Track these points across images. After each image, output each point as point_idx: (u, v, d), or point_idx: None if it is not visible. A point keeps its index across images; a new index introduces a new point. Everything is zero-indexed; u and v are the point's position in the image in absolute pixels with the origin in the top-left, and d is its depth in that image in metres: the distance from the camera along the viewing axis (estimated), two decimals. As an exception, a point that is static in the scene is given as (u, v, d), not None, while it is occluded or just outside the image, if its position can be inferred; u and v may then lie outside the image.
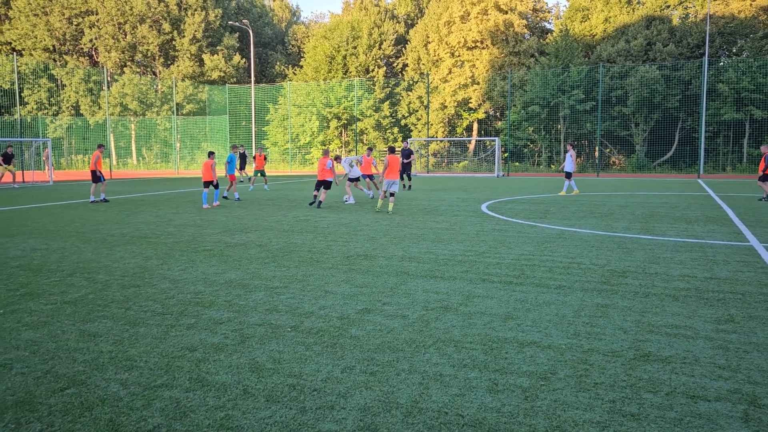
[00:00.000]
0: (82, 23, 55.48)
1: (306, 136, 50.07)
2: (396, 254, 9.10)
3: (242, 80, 59.20)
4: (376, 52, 52.93)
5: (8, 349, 4.90)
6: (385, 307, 6.12)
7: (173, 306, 6.19)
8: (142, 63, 59.00)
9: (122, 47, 55.58)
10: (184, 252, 9.41)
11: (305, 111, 50.10)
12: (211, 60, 56.51)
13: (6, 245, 10.19)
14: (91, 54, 58.91)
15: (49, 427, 3.55)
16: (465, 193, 22.22)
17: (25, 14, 54.60)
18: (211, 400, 3.90)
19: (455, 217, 13.98)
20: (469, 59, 49.17)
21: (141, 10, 54.21)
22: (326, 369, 4.44)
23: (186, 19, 56.07)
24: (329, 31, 54.38)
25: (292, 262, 8.55)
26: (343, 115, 49.34)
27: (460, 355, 4.71)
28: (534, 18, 52.13)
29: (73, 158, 54.33)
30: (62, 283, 7.29)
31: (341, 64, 52.62)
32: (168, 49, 57.60)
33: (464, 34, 48.43)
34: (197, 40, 56.60)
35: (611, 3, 46.06)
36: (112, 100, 52.61)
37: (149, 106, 54.62)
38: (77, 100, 54.66)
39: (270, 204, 17.77)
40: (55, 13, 54.62)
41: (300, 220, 13.63)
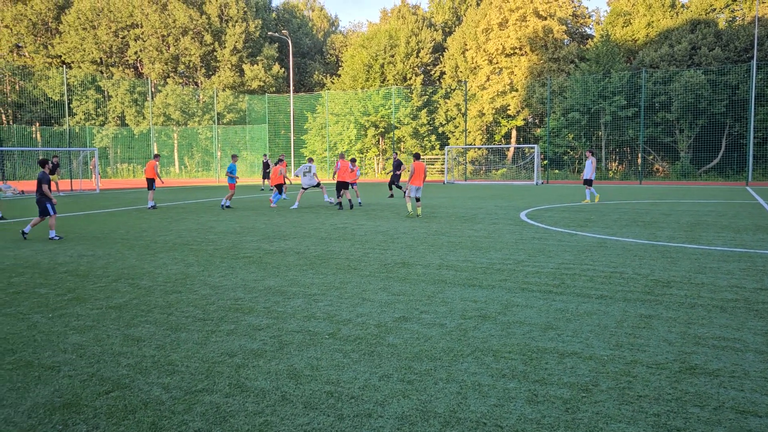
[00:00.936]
0: (127, 36, 57.19)
1: (344, 144, 50.42)
2: (433, 262, 9.06)
3: (281, 89, 60.07)
4: (413, 60, 53.05)
5: (56, 352, 5.05)
6: (423, 315, 6.09)
7: (214, 312, 6.28)
8: (184, 74, 60.46)
9: (165, 59, 57.06)
10: (224, 259, 9.56)
11: (343, 119, 50.48)
12: (251, 70, 57.53)
13: (55, 251, 10.52)
14: (136, 66, 60.65)
15: (94, 429, 3.64)
16: (503, 200, 22.01)
17: (74, 28, 56.59)
18: (250, 406, 3.94)
19: (493, 225, 13.86)
20: (507, 66, 48.85)
21: (184, 23, 55.60)
22: (364, 377, 4.44)
23: (227, 30, 57.26)
24: (367, 39, 54.77)
25: (329, 269, 8.60)
26: (380, 123, 49.53)
27: (498, 365, 4.65)
28: (574, 24, 51.51)
29: (119, 167, 55.90)
30: (107, 288, 7.49)
31: (379, 73, 52.90)
32: (209, 60, 58.89)
33: (502, 41, 48.16)
34: (238, 50, 57.72)
35: (654, 7, 45.18)
36: (156, 110, 54.00)
37: (191, 116, 55.87)
38: (123, 110, 56.29)
39: (308, 211, 17.93)
40: (102, 26, 56.45)
41: (338, 227, 13.71)
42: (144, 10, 55.84)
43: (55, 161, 27.10)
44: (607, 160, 44.96)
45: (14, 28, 57.71)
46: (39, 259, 9.75)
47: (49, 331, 5.65)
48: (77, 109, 55.91)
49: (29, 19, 57.68)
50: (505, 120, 49.60)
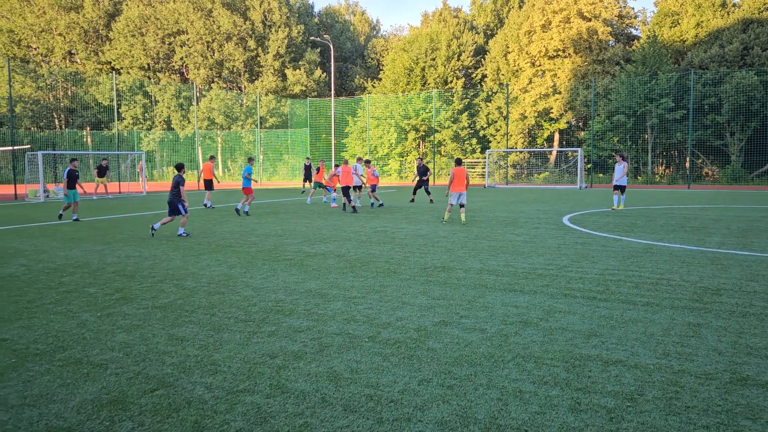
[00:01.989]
0: (174, 42, 58.65)
1: (384, 147, 50.53)
2: (474, 266, 8.98)
3: (323, 94, 60.64)
4: (454, 64, 52.85)
5: (104, 350, 5.20)
6: (463, 320, 6.04)
7: (255, 313, 6.37)
8: (228, 79, 61.64)
9: (210, 64, 58.28)
10: (266, 261, 9.68)
11: (383, 123, 50.61)
12: (294, 75, 58.27)
13: (104, 252, 10.84)
14: (182, 71, 62.14)
15: (139, 426, 3.73)
16: (546, 205, 21.70)
17: (123, 35, 58.35)
18: (291, 407, 3.97)
19: (535, 230, 13.66)
20: (550, 68, 48.20)
21: (228, 29, 56.69)
22: (403, 380, 4.42)
23: (270, 35, 58.15)
24: (408, 43, 54.82)
25: (369, 272, 8.62)
26: (421, 127, 49.46)
27: (540, 372, 4.57)
28: (619, 25, 50.48)
29: (165, 170, 57.30)
30: (153, 288, 7.67)
31: (420, 76, 52.87)
32: (253, 65, 59.90)
33: (545, 43, 47.55)
34: (280, 55, 58.54)
35: (703, 7, 43.90)
36: (201, 114, 55.19)
37: (234, 120, 56.89)
38: (169, 115, 57.72)
39: (348, 214, 18.01)
40: (150, 33, 58.04)
41: (378, 230, 13.73)
42: (189, 17, 57.17)
43: (104, 164, 27.94)
44: (653, 163, 43.83)
45: (67, 36, 59.85)
46: (89, 259, 10.06)
47: (98, 330, 5.81)
48: (126, 113, 57.59)
49: (81, 27, 59.74)
50: (548, 123, 48.92)
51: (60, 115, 62.08)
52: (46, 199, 26.99)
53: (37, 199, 26.84)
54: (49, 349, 5.22)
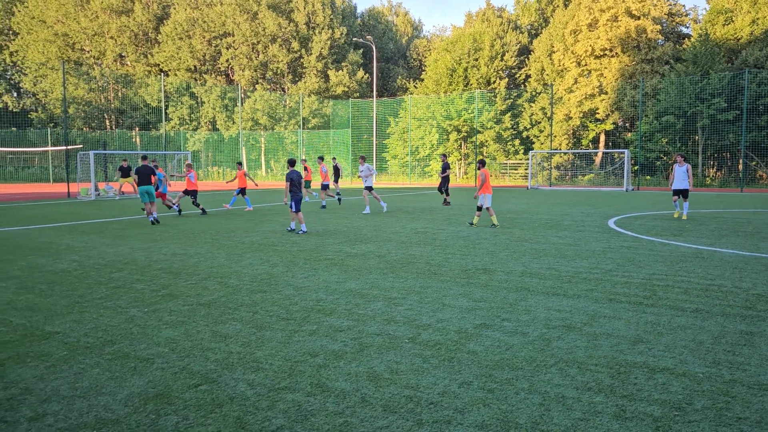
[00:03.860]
0: (220, 44, 59.84)
1: (425, 148, 50.42)
2: (516, 269, 8.87)
3: (365, 94, 60.91)
4: (498, 64, 52.36)
5: (150, 345, 5.33)
6: (504, 323, 5.97)
7: (296, 312, 6.43)
8: (272, 80, 62.55)
9: (255, 66, 59.23)
10: (307, 260, 9.77)
11: (425, 124, 50.50)
12: (336, 76, 58.72)
13: (150, 249, 11.13)
14: (227, 73, 63.33)
15: (184, 420, 3.80)
16: (590, 207, 21.28)
17: (171, 38, 59.84)
18: (331, 406, 3.99)
19: (579, 233, 13.41)
20: (596, 68, 47.27)
21: (272, 31, 57.52)
22: (443, 383, 4.40)
23: (314, 37, 58.75)
24: (451, 43, 54.58)
25: (410, 273, 8.60)
26: (463, 128, 49.17)
27: (584, 378, 4.48)
28: (669, 23, 49.13)
29: (210, 170, 58.49)
30: (198, 286, 7.83)
31: (462, 77, 52.57)
32: (296, 67, 60.61)
33: (592, 43, 46.64)
34: (323, 57, 59.07)
35: (759, 3, 42.32)
36: (245, 115, 56.13)
37: (278, 121, 57.67)
38: (214, 115, 58.91)
39: (389, 215, 18.04)
40: (196, 36, 59.36)
41: (418, 231, 13.70)
42: (236, 20, 58.23)
43: (124, 164, 28.57)
44: (704, 166, 42.49)
45: (118, 39, 61.73)
46: (136, 256, 10.35)
47: (145, 325, 5.97)
48: (173, 114, 59.03)
49: (131, 30, 61.53)
50: (594, 124, 47.96)
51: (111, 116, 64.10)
52: (96, 197, 27.87)
53: (88, 197, 27.75)
54: (99, 343, 5.38)
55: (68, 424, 3.75)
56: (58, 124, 59.97)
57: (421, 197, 27.71)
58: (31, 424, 3.76)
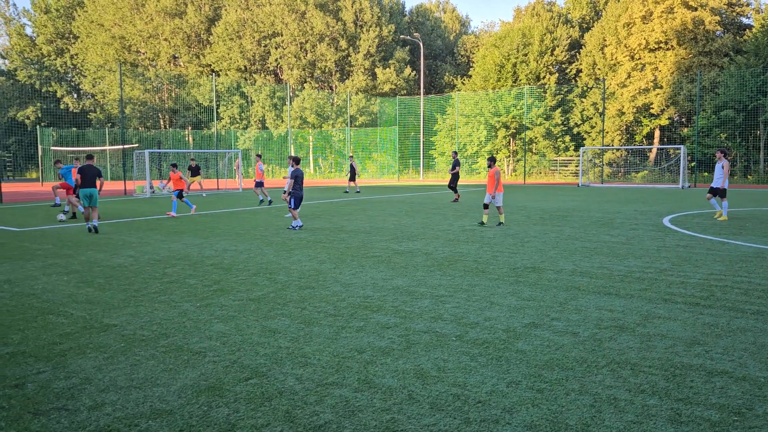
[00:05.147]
0: (269, 44, 60.79)
1: (473, 145, 49.98)
2: (566, 268, 8.70)
3: (412, 92, 60.82)
4: (547, 59, 51.42)
5: (202, 338, 5.46)
6: (554, 322, 5.86)
7: (344, 308, 6.47)
8: (320, 78, 63.14)
9: (303, 65, 59.92)
10: (354, 257, 9.83)
11: (473, 120, 50.05)
12: (383, 73, 58.83)
13: (202, 246, 11.41)
14: (276, 72, 64.27)
15: (234, 413, 3.88)
16: (644, 205, 20.68)
17: (222, 39, 61.14)
18: (378, 402, 4.01)
19: (632, 231, 13.05)
20: (650, 62, 45.84)
21: (321, 30, 58.05)
22: (491, 381, 4.35)
23: (361, 35, 59.01)
24: (499, 39, 53.89)
25: (457, 271, 8.55)
26: (511, 124, 48.50)
27: (637, 380, 4.36)
28: (729, 13, 47.20)
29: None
30: (248, 281, 7.98)
31: (511, 72, 51.86)
32: (344, 65, 61.02)
33: (646, 35, 45.25)
34: (371, 55, 59.27)
35: (826, -10, 40.22)
36: (293, 113, 56.86)
37: (325, 119, 58.19)
38: (263, 114, 59.90)
39: (436, 213, 17.97)
40: (246, 36, 60.45)
41: (466, 229, 13.60)
42: (284, 20, 59.02)
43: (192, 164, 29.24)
44: (766, 162, 40.72)
45: (172, 41, 63.47)
46: (189, 252, 10.62)
47: (197, 319, 6.12)
48: (224, 113, 60.31)
49: (184, 32, 63.15)
50: (648, 119, 46.56)
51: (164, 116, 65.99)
52: (151, 194, 28.75)
53: (144, 194, 28.65)
54: (154, 336, 5.55)
55: (125, 414, 3.88)
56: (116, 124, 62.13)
57: (468, 194, 27.48)
58: (91, 413, 3.90)
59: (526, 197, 24.99)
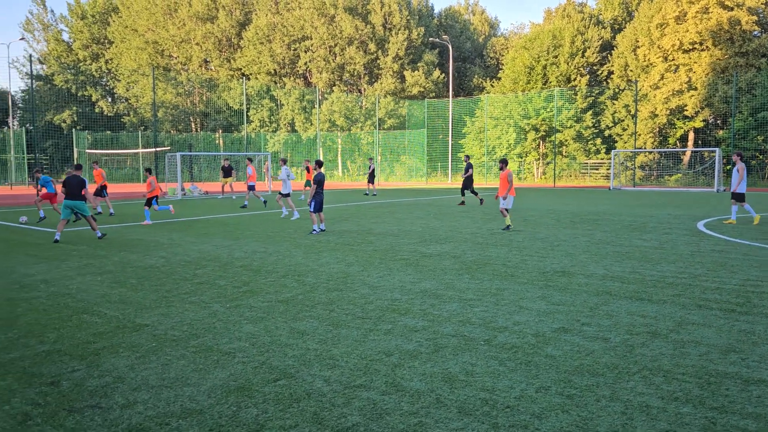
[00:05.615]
0: (298, 48, 61.30)
1: (502, 148, 49.62)
2: (597, 272, 8.58)
3: (441, 94, 60.69)
4: (578, 61, 50.82)
5: (232, 339, 5.52)
6: (584, 327, 5.78)
7: (372, 311, 6.48)
8: (349, 81, 63.40)
9: (332, 68, 60.25)
10: (382, 260, 9.83)
11: (502, 123, 49.71)
12: (412, 76, 58.81)
13: (232, 247, 11.53)
14: (306, 75, 64.75)
15: (263, 413, 3.91)
16: (677, 209, 20.28)
17: (253, 43, 61.85)
18: (406, 405, 4.00)
19: (666, 235, 12.80)
20: (684, 63, 44.95)
21: (349, 33, 58.30)
22: (520, 386, 4.31)
23: (390, 38, 59.10)
24: (529, 41, 53.44)
25: (486, 274, 8.49)
26: (541, 127, 48.03)
27: (670, 387, 4.27)
28: (767, 13, 46.04)
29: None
30: (277, 283, 8.04)
31: (541, 74, 51.38)
32: (372, 68, 61.17)
33: (680, 36, 44.40)
34: (399, 57, 59.32)
35: None
36: (322, 116, 57.20)
37: (354, 122, 58.41)
38: (293, 117, 60.39)
39: (465, 216, 17.88)
40: (276, 40, 61.05)
41: (494, 233, 13.51)
42: (314, 23, 59.44)
43: (226, 164, 29.61)
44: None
45: (203, 45, 64.43)
46: (219, 253, 10.75)
47: (227, 320, 6.19)
48: (254, 116, 60.98)
49: (216, 37, 64.06)
50: (681, 121, 45.65)
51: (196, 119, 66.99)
52: (183, 196, 29.19)
53: (175, 196, 29.11)
54: (184, 336, 5.62)
55: (156, 413, 3.94)
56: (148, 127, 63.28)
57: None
58: (123, 411, 3.97)
59: (556, 200, 24.71)
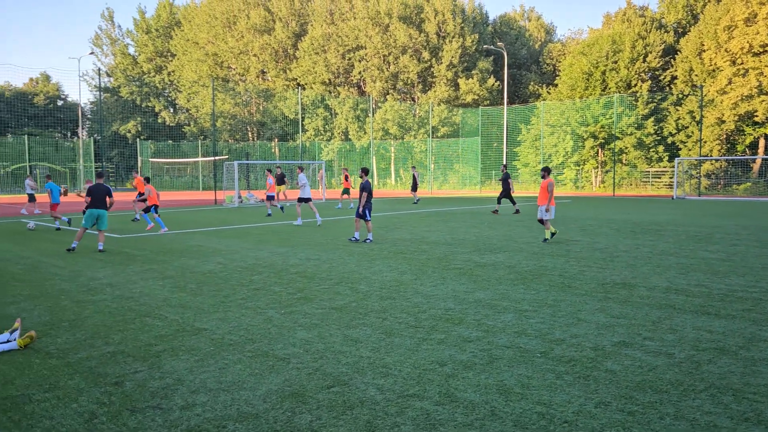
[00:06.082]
0: (353, 57, 61.97)
1: (559, 156, 48.68)
2: (659, 285, 8.27)
3: (495, 102, 60.12)
4: (639, 66, 49.41)
5: (287, 345, 5.58)
6: (647, 342, 5.57)
7: (425, 320, 6.43)
8: (402, 90, 63.60)
9: (386, 77, 60.59)
10: (435, 269, 9.77)
11: (559, 130, 48.78)
12: (466, 84, 58.50)
13: (287, 254, 11.70)
14: (360, 84, 65.34)
15: (317, 419, 3.93)
16: (747, 219, 19.37)
17: (308, 53, 62.93)
18: (460, 417, 3.94)
19: (734, 247, 12.24)
20: (755, 66, 43.03)
21: (403, 42, 58.54)
22: (578, 401, 4.18)
23: (444, 46, 59.00)
24: (587, 46, 52.33)
25: (542, 285, 8.31)
26: (600, 134, 46.84)
27: (740, 407, 4.05)
28: (843, 13, 43.62)
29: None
30: (330, 290, 8.10)
31: (599, 80, 50.20)
32: (426, 76, 61.18)
33: (749, 39, 42.56)
34: (453, 65, 59.12)
35: None
36: (376, 125, 57.55)
37: (407, 130, 58.50)
38: (347, 126, 61.03)
39: (519, 225, 17.60)
40: (331, 50, 61.90)
41: (550, 242, 13.23)
42: (368, 33, 59.99)
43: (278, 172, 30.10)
44: None
45: (260, 56, 65.98)
46: (274, 260, 10.92)
47: (281, 326, 6.26)
48: (308, 125, 61.94)
49: (272, 48, 65.51)
50: (751, 128, 43.66)
51: (253, 128, 68.60)
52: (239, 204, 29.87)
53: (233, 204, 29.81)
54: (241, 341, 5.72)
55: (214, 415, 4.01)
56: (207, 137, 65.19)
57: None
58: (183, 413, 4.06)
59: (616, 210, 24.03)
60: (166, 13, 74.03)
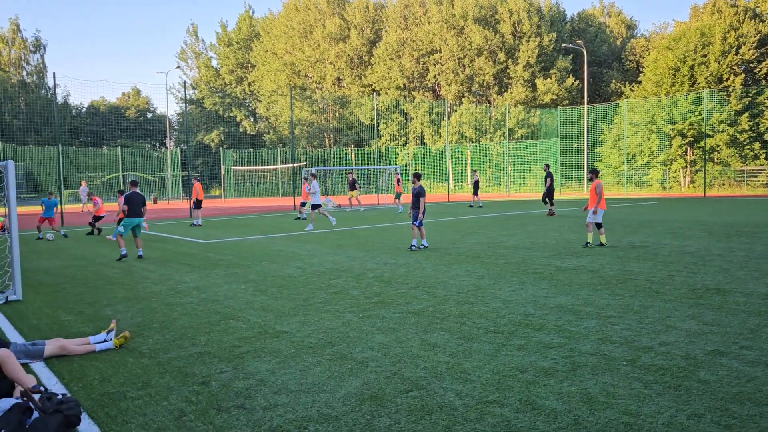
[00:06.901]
0: (427, 62, 62.02)
1: (644, 156, 46.68)
2: (758, 290, 7.75)
3: (575, 101, 58.48)
4: (731, 59, 46.66)
5: (365, 348, 5.63)
6: (744, 351, 5.23)
7: (504, 325, 6.32)
8: (478, 92, 63.01)
9: (461, 80, 60.23)
10: (514, 273, 9.59)
11: (643, 129, 46.78)
12: (544, 84, 57.24)
13: (364, 259, 11.82)
14: (434, 88, 65.28)
15: (396, 423, 3.93)
16: None
17: (383, 59, 63.54)
18: (541, 425, 3.83)
19: (841, 249, 11.31)
20: None
21: (478, 44, 58.00)
22: (668, 412, 3.97)
23: (520, 46, 58.00)
24: (673, 40, 49.97)
25: (627, 290, 7.98)
26: (688, 132, 44.55)
27: None
28: None
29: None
30: (407, 294, 8.11)
31: (687, 76, 47.78)
32: (502, 78, 60.35)
33: None
34: (530, 65, 58.01)
35: None
36: (451, 128, 57.28)
37: (483, 133, 57.86)
38: (422, 130, 61.09)
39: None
40: (405, 55, 62.21)
41: (636, 246, 12.70)
42: (442, 36, 59.87)
43: (350, 178, 30.42)
44: None
45: (336, 64, 67.23)
46: (352, 264, 11.06)
47: (359, 329, 6.32)
48: (384, 131, 62.47)
49: (348, 55, 66.60)
50: None
51: (329, 135, 69.92)
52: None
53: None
54: (320, 344, 5.82)
55: (295, 416, 4.10)
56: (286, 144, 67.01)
57: (638, 209, 25.69)
58: (265, 413, 4.18)
59: (708, 211, 22.78)
60: (246, 25, 76.86)
